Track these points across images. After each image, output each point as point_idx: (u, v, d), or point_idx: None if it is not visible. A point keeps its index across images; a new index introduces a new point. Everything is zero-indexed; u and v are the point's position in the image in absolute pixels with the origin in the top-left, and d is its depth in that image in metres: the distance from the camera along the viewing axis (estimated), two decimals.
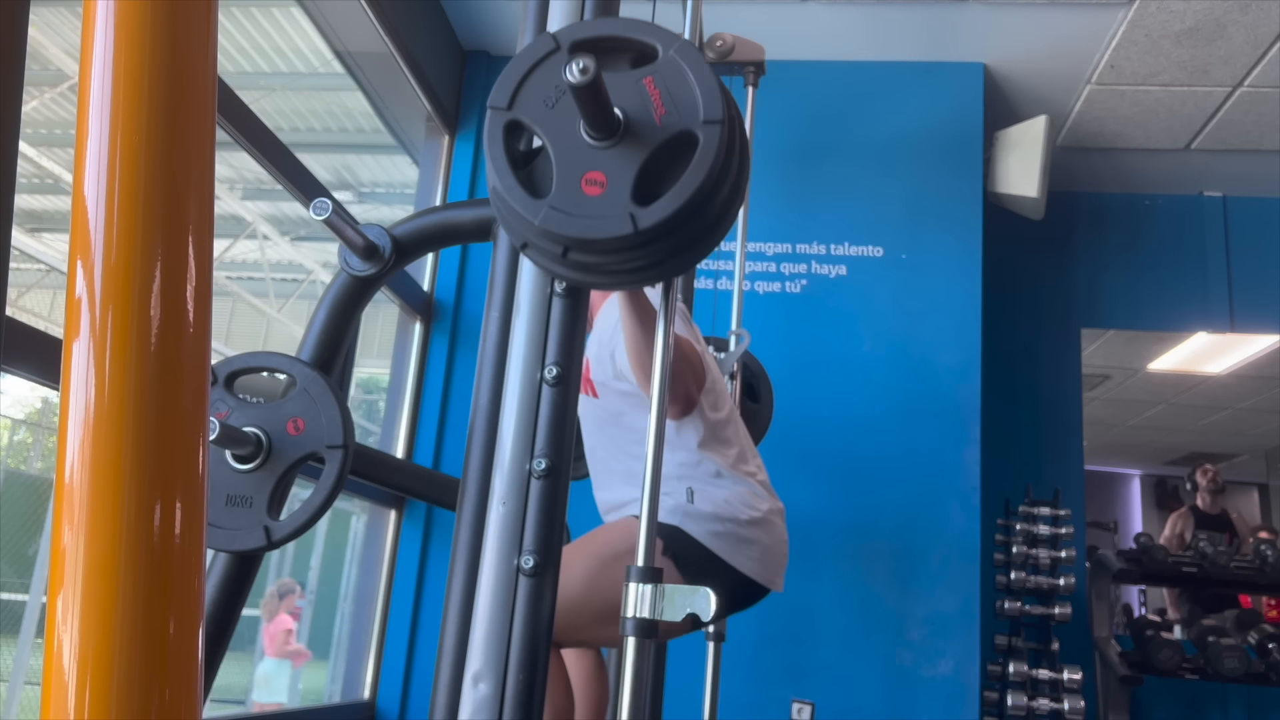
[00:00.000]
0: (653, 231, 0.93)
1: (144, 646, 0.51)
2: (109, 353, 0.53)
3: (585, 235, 0.94)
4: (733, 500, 1.71)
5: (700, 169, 0.93)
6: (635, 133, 0.95)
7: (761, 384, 2.54)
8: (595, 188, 0.94)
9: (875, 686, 2.85)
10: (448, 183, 3.41)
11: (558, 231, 0.94)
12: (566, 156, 0.96)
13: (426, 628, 3.05)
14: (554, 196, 0.95)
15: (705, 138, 0.94)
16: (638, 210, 0.93)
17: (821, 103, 3.30)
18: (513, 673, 1.00)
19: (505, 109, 0.97)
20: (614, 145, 0.95)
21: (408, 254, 1.38)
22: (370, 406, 6.98)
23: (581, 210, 0.94)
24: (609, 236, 0.93)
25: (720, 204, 0.99)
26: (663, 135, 0.95)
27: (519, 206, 0.95)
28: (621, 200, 0.94)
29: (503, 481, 1.05)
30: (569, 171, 0.95)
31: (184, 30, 0.57)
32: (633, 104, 0.96)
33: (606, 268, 1.01)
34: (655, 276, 1.04)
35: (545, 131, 0.97)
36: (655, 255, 0.99)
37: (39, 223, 6.97)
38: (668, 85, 0.96)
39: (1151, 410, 6.19)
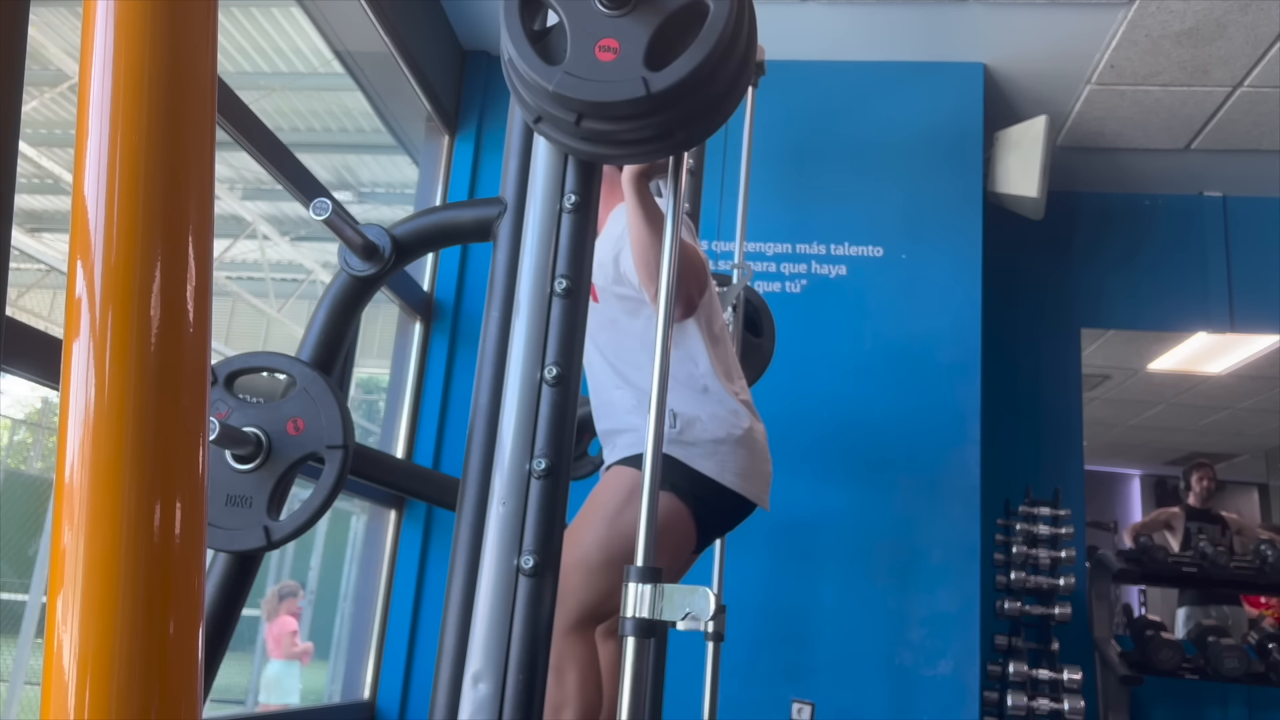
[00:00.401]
0: (664, 96, 0.96)
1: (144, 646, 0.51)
2: (109, 353, 0.53)
3: (599, 98, 0.97)
4: (716, 418, 1.75)
5: (710, 36, 0.96)
6: (647, 0, 0.99)
7: (763, 317, 2.55)
8: (609, 54, 0.97)
9: (875, 686, 2.85)
10: (448, 183, 3.41)
11: (572, 95, 0.97)
12: (580, 25, 0.98)
13: (426, 628, 3.05)
14: (568, 63, 0.98)
15: (716, 6, 0.98)
16: (650, 75, 0.96)
17: (821, 103, 3.30)
18: (513, 673, 1.00)
19: None
20: (627, 13, 0.98)
21: (408, 254, 1.37)
22: (370, 406, 6.99)
23: (595, 75, 0.97)
24: (622, 99, 0.96)
25: (730, 74, 1.02)
26: (674, 3, 0.99)
27: (535, 73, 0.98)
28: (634, 65, 0.97)
29: (503, 481, 1.05)
30: (583, 39, 0.98)
31: (184, 30, 0.57)
32: None
33: (619, 136, 1.03)
34: (666, 147, 1.07)
35: (560, 2, 1.00)
36: (666, 124, 1.01)
37: (39, 223, 6.97)
38: None
39: (1151, 410, 6.20)
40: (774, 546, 2.90)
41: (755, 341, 2.48)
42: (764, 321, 2.54)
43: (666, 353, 1.09)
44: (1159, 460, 7.30)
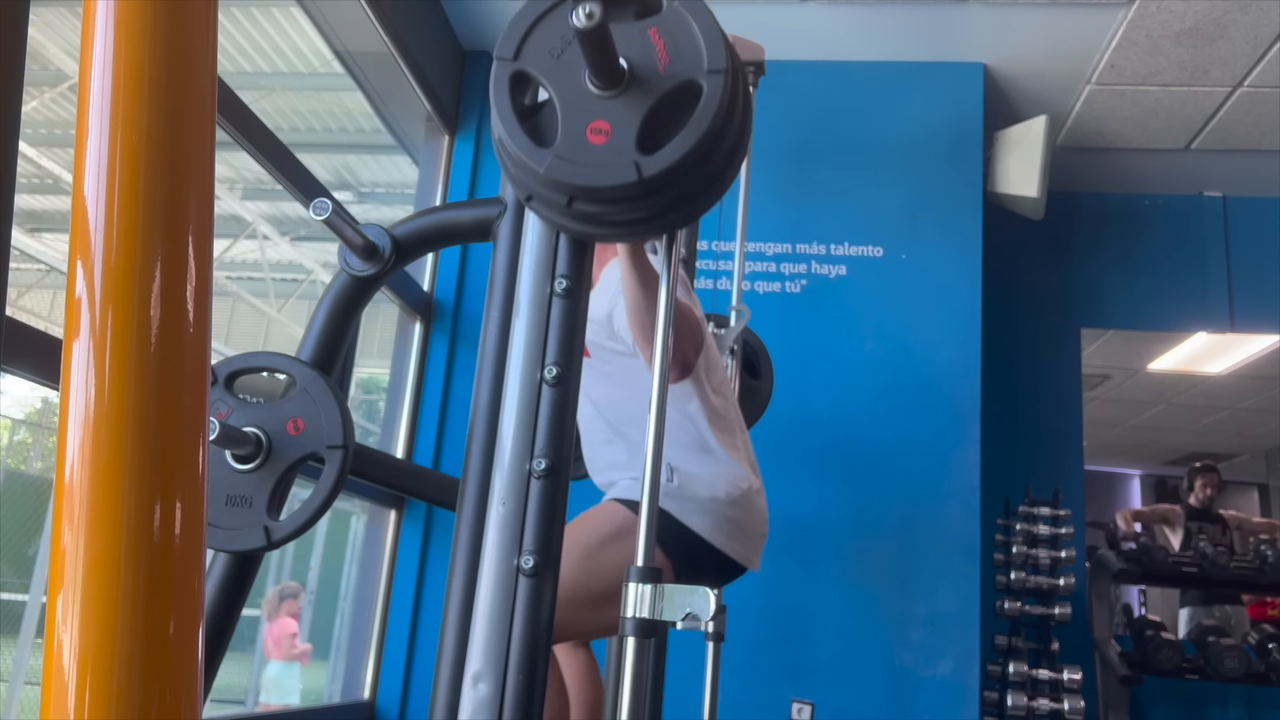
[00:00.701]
0: (657, 180, 0.94)
1: (144, 646, 0.51)
2: (109, 353, 0.53)
3: (590, 183, 0.95)
4: (716, 477, 1.72)
5: (704, 118, 0.94)
6: (640, 82, 0.96)
7: (762, 360, 2.54)
8: (600, 136, 0.95)
9: (875, 686, 2.85)
10: (448, 183, 3.41)
11: (563, 180, 0.95)
12: (572, 106, 0.96)
13: (426, 628, 3.05)
14: (559, 145, 0.96)
15: (709, 87, 0.95)
16: (642, 159, 0.94)
17: (821, 103, 3.30)
18: (513, 673, 1.00)
19: (511, 60, 0.98)
20: (619, 95, 0.96)
21: (408, 254, 1.37)
22: (370, 406, 6.99)
23: (586, 159, 0.95)
24: (613, 184, 0.94)
25: (724, 154, 1.00)
26: (667, 84, 0.96)
27: (525, 155, 0.96)
28: (626, 148, 0.95)
29: (503, 481, 1.05)
30: (574, 121, 0.96)
31: (184, 30, 0.57)
32: (637, 54, 0.97)
33: (611, 218, 1.01)
34: (659, 228, 1.05)
35: (551, 81, 0.98)
36: (659, 205, 0.99)
37: (39, 223, 6.97)
38: (672, 35, 0.97)
39: (1151, 410, 6.19)
40: (774, 546, 2.89)
41: (754, 384, 2.47)
42: (762, 364, 2.53)
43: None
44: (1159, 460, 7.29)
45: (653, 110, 0.96)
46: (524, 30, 0.99)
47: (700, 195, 1.03)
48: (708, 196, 1.04)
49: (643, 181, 0.94)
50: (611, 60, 0.94)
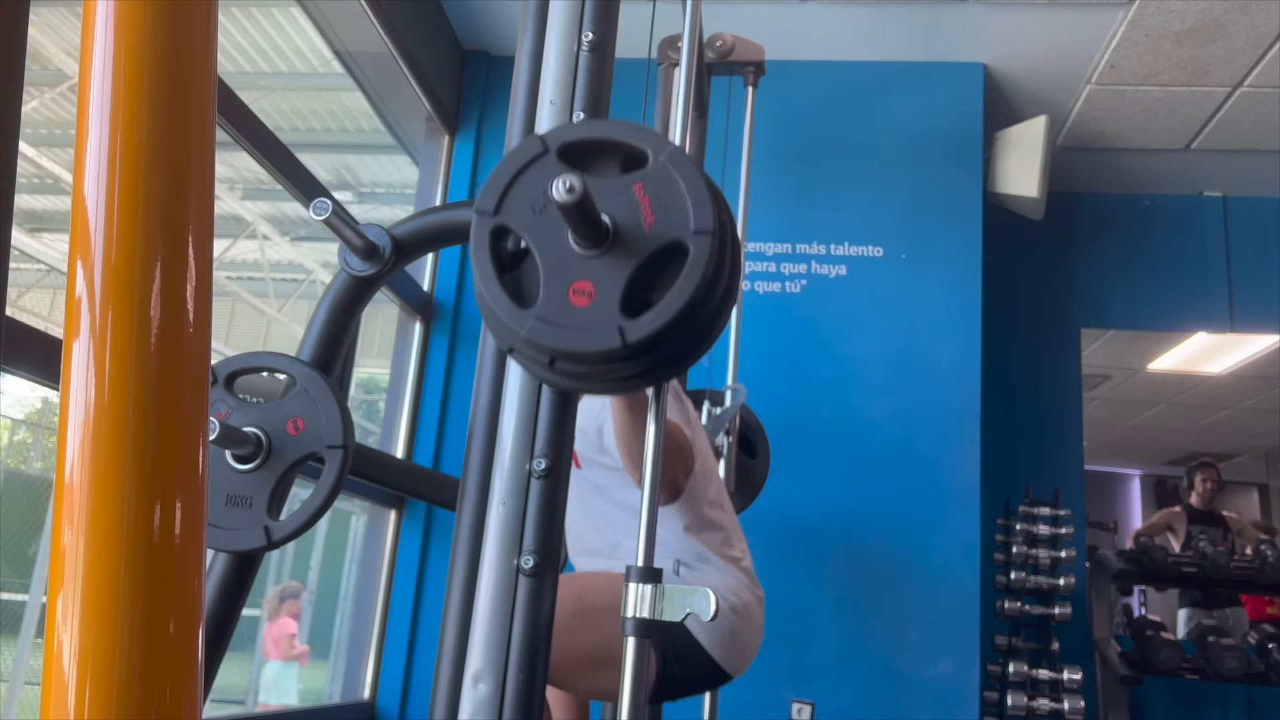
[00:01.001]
0: (641, 344, 0.91)
1: (144, 646, 0.51)
2: (109, 353, 0.53)
3: (573, 348, 0.91)
4: (716, 588, 1.69)
5: (690, 281, 0.91)
6: (624, 241, 0.93)
7: (758, 438, 2.52)
8: (583, 298, 0.92)
9: (875, 686, 2.85)
10: (448, 183, 3.41)
11: (544, 343, 0.92)
12: (554, 264, 0.93)
13: (426, 628, 3.05)
14: (540, 306, 0.92)
15: (695, 248, 0.91)
16: (626, 323, 0.90)
17: (821, 103, 3.30)
18: (513, 673, 1.00)
19: (492, 214, 0.95)
20: (602, 254, 0.93)
21: (408, 254, 1.37)
22: (370, 406, 6.99)
23: (568, 321, 0.91)
24: (597, 350, 0.91)
25: (711, 312, 0.97)
26: (652, 245, 0.93)
27: (505, 316, 0.93)
28: (609, 312, 0.91)
29: (503, 481, 1.05)
30: (556, 280, 0.93)
31: (184, 30, 0.57)
32: (622, 211, 0.94)
33: (595, 376, 0.99)
34: (646, 383, 1.03)
35: (532, 238, 0.94)
36: (645, 365, 0.97)
37: (39, 223, 6.97)
38: (657, 192, 0.94)
39: (1151, 410, 6.20)
40: (774, 546, 2.90)
41: (750, 463, 2.46)
42: (759, 442, 2.52)
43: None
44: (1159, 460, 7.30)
45: (637, 271, 0.92)
46: (504, 184, 0.96)
47: (689, 352, 1.00)
48: (697, 350, 1.01)
49: (627, 347, 0.90)
50: (594, 223, 0.91)
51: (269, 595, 6.61)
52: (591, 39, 1.16)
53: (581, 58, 1.16)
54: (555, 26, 1.17)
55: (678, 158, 0.95)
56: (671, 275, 0.92)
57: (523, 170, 0.96)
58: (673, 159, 0.95)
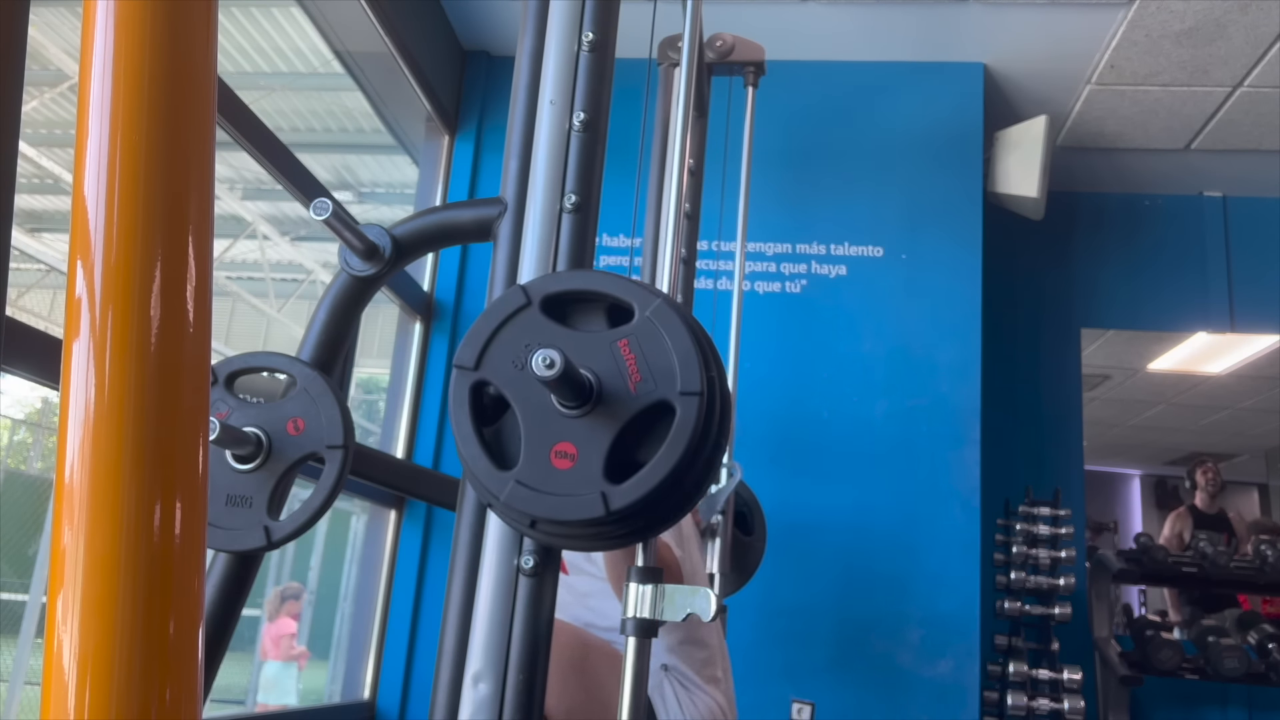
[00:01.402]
0: (625, 510, 0.88)
1: (144, 646, 0.51)
2: (109, 353, 0.53)
3: (553, 516, 0.89)
4: (695, 713, 1.75)
5: (677, 444, 0.88)
6: (608, 401, 0.90)
7: (755, 516, 2.49)
8: (565, 460, 0.89)
9: (875, 686, 2.85)
10: (448, 183, 3.41)
11: (524, 510, 0.89)
12: (535, 425, 0.90)
13: (426, 628, 3.05)
14: (521, 469, 0.90)
15: (683, 410, 0.89)
16: (609, 488, 0.88)
17: (821, 103, 3.30)
18: (513, 673, 1.00)
19: (472, 369, 0.92)
20: (585, 414, 0.90)
21: (408, 254, 1.37)
22: (370, 406, 6.99)
23: (550, 486, 0.89)
24: (579, 519, 0.89)
25: (698, 473, 0.94)
26: (638, 405, 0.90)
27: (484, 478, 0.90)
28: (593, 476, 0.88)
29: None
30: (537, 442, 0.90)
31: (184, 30, 0.57)
32: (606, 368, 0.91)
33: (579, 536, 0.97)
34: (632, 541, 1.00)
35: (513, 395, 0.91)
36: (629, 526, 0.95)
37: (39, 223, 6.97)
38: (644, 349, 0.91)
39: (1151, 410, 6.19)
40: (774, 546, 2.90)
41: (746, 541, 2.44)
42: (755, 520, 2.50)
43: None
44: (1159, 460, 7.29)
45: (622, 432, 0.90)
46: (486, 337, 0.93)
47: (675, 511, 0.98)
48: (683, 509, 0.98)
49: (610, 514, 0.88)
50: (577, 388, 0.89)
51: (269, 595, 6.61)
52: (591, 39, 1.16)
53: (581, 58, 1.16)
54: (555, 26, 1.17)
55: (663, 312, 0.92)
56: (658, 435, 0.89)
57: (504, 324, 0.93)
58: (658, 314, 0.91)
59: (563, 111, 1.14)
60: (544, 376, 0.83)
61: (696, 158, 2.48)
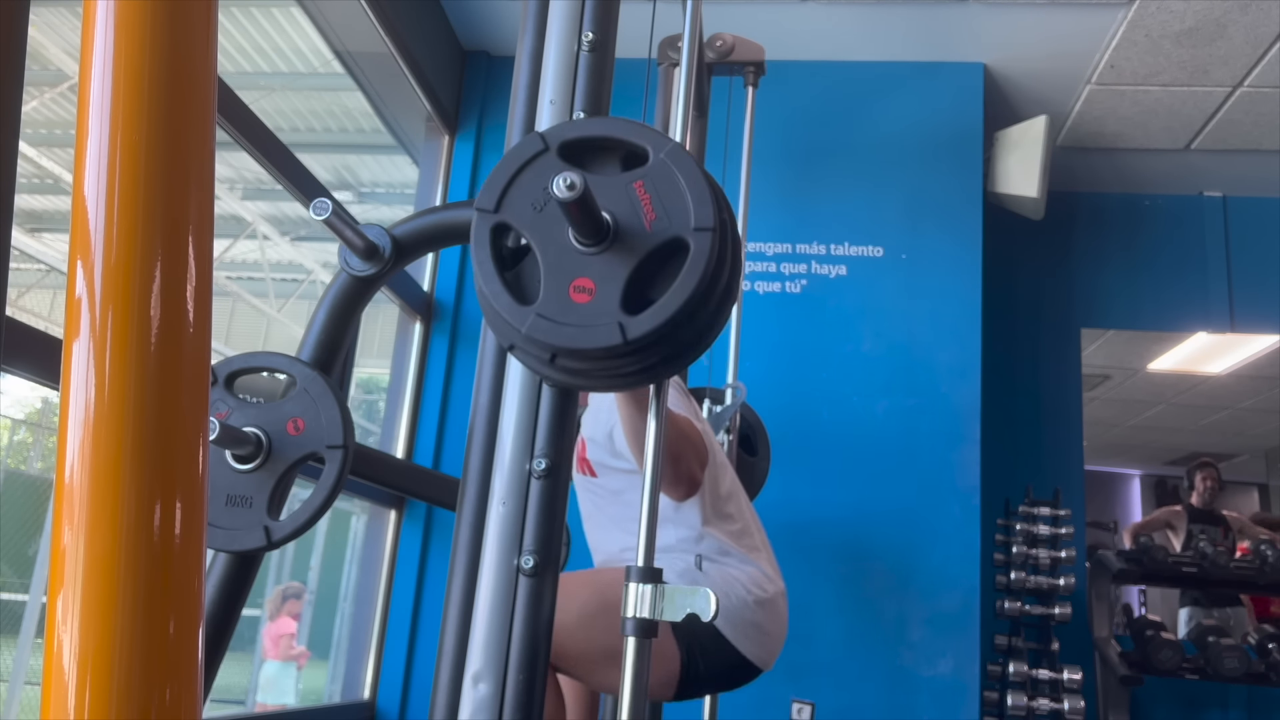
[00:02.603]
0: (642, 341, 0.91)
1: (144, 646, 0.51)
2: (109, 353, 0.53)
3: (573, 345, 0.92)
4: (740, 580, 1.69)
5: (691, 277, 0.91)
6: (625, 239, 0.93)
7: (758, 437, 2.52)
8: (584, 295, 0.92)
9: (875, 686, 2.85)
10: (448, 183, 3.41)
11: (545, 340, 0.92)
12: (554, 262, 0.93)
13: (426, 628, 3.05)
14: (541, 304, 0.93)
15: (696, 245, 0.92)
16: (626, 320, 0.91)
17: (821, 103, 3.30)
18: (513, 673, 1.00)
19: (492, 211, 0.95)
20: (603, 251, 0.93)
21: (408, 254, 1.37)
22: (370, 406, 6.98)
23: (569, 318, 0.92)
24: (597, 347, 0.92)
25: (712, 310, 0.98)
26: (653, 241, 0.93)
27: (506, 314, 0.93)
28: (610, 308, 0.92)
29: (503, 481, 1.05)
30: (557, 277, 0.93)
31: (184, 30, 0.57)
32: (622, 208, 0.94)
33: (596, 373, 0.99)
34: (646, 380, 1.03)
35: (533, 235, 0.94)
36: (645, 361, 0.97)
37: (39, 223, 6.97)
38: (658, 189, 0.94)
39: (1151, 410, 6.20)
40: (774, 546, 2.90)
41: (750, 461, 2.46)
42: (759, 441, 2.52)
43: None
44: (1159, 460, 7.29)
45: (638, 268, 0.93)
46: (505, 182, 0.96)
47: (689, 349, 1.00)
48: (697, 348, 1.01)
49: (627, 343, 0.91)
50: (595, 220, 0.92)
51: (270, 595, 6.60)
52: (591, 39, 1.16)
53: (581, 58, 1.16)
54: (555, 26, 1.17)
55: (678, 155, 0.95)
56: (672, 272, 0.92)
57: (523, 168, 0.96)
58: (673, 156, 0.95)
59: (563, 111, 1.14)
60: (564, 198, 0.85)
61: (696, 157, 2.48)
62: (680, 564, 1.69)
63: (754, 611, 1.68)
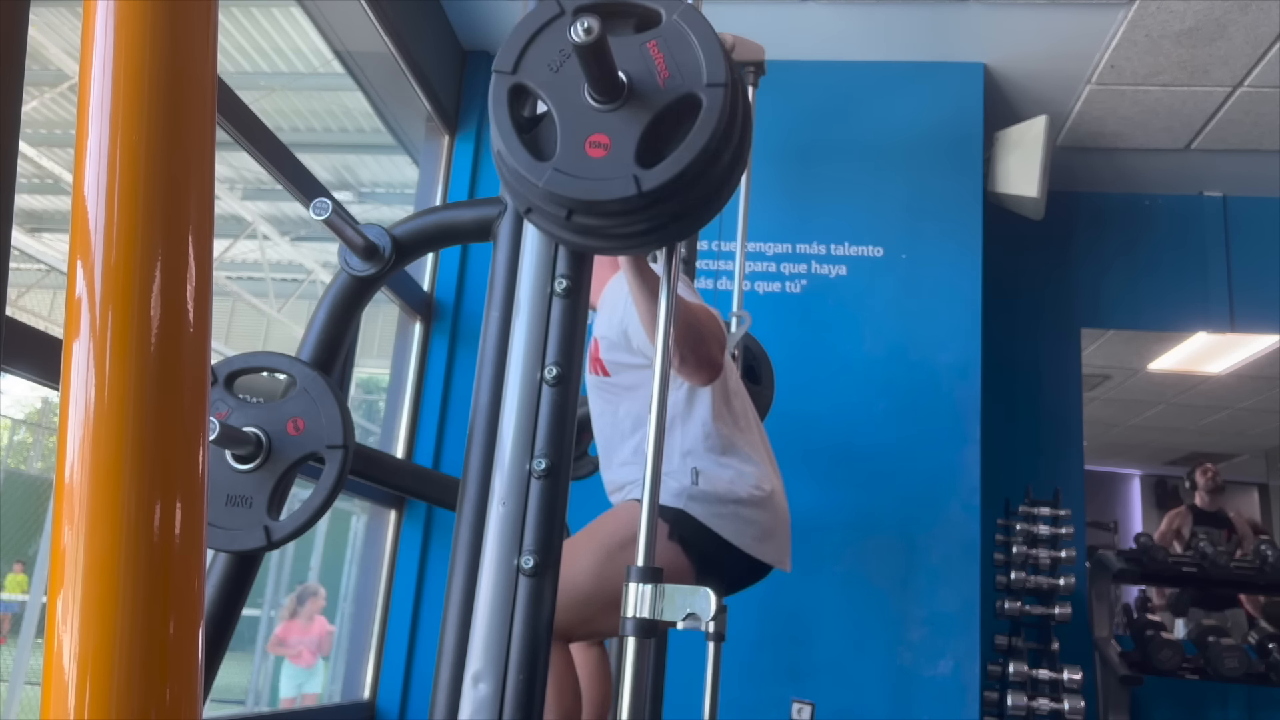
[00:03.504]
0: (656, 193, 0.94)
1: (144, 646, 0.51)
2: (109, 353, 0.53)
3: (589, 197, 0.95)
4: (738, 480, 1.72)
5: (704, 131, 0.94)
6: (639, 95, 0.96)
7: (762, 366, 2.55)
8: (599, 150, 0.96)
9: (875, 686, 2.85)
10: (448, 183, 3.41)
11: (562, 194, 0.95)
12: (570, 119, 0.97)
13: (426, 628, 3.05)
14: (558, 159, 0.96)
15: (709, 100, 0.95)
16: (641, 172, 0.94)
17: (821, 103, 3.30)
18: (513, 673, 1.00)
19: (510, 73, 0.99)
20: (618, 108, 0.96)
21: (408, 254, 1.37)
22: (370, 406, 6.98)
23: (585, 172, 0.95)
24: (613, 198, 0.95)
25: (723, 168, 1.01)
26: (666, 98, 0.97)
27: (523, 169, 0.96)
28: (625, 162, 0.95)
29: (503, 481, 1.05)
30: (573, 134, 0.96)
31: (184, 30, 0.57)
32: (636, 68, 0.97)
33: (610, 231, 1.02)
34: (658, 241, 1.05)
35: (549, 95, 0.98)
36: (658, 218, 1.00)
37: (39, 223, 6.97)
38: (671, 49, 0.98)
39: (1151, 410, 6.19)
40: None
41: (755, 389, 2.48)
42: (763, 370, 2.54)
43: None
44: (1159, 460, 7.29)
45: (652, 123, 0.96)
46: (523, 43, 0.99)
47: (701, 208, 1.02)
48: (708, 208, 1.03)
49: (642, 195, 0.94)
50: (610, 74, 0.94)
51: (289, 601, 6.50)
52: None
53: None
54: None
55: (690, 15, 0.98)
56: (685, 128, 0.96)
57: (540, 31, 0.99)
58: (685, 17, 0.98)
59: None
60: (582, 41, 0.88)
61: None
62: (676, 483, 1.72)
63: (752, 510, 1.71)
